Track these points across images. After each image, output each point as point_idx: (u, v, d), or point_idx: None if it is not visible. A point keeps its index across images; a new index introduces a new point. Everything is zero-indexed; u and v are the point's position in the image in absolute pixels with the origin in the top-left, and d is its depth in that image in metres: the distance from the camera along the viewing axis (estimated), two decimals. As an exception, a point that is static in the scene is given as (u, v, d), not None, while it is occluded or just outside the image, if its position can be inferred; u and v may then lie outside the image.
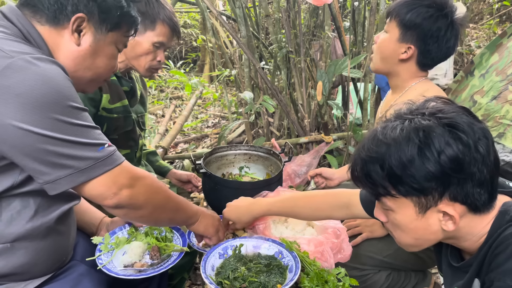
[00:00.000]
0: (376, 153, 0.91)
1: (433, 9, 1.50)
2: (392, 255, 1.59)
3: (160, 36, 1.70)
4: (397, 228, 0.99)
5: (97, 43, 1.14)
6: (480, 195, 0.90)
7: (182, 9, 6.41)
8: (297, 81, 3.09)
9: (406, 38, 1.54)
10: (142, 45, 1.70)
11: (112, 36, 1.17)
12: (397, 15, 1.54)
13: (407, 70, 1.60)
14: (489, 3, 6.78)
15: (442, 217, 0.92)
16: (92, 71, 1.17)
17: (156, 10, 1.68)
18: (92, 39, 1.13)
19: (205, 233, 1.39)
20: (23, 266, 1.09)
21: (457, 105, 0.94)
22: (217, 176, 1.78)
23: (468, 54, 5.60)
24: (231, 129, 3.29)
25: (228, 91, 5.34)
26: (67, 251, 1.24)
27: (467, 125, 0.88)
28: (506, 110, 3.46)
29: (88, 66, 1.15)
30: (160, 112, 5.15)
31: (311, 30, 3.72)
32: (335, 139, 2.79)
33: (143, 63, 1.73)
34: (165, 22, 1.70)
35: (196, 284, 2.29)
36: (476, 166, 0.87)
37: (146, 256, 1.40)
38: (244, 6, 3.26)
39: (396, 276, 1.65)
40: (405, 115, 0.94)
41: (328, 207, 1.40)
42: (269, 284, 1.22)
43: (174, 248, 1.40)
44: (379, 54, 1.63)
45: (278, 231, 1.52)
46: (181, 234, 1.49)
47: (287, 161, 1.93)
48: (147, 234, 1.44)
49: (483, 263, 0.93)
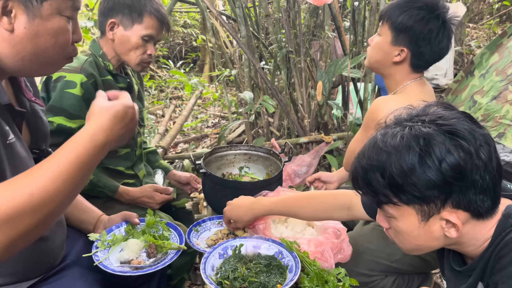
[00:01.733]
0: (377, 161, 0.91)
1: (424, 11, 1.49)
2: (399, 260, 1.58)
3: (148, 29, 1.69)
4: (399, 234, 0.98)
5: (33, 22, 0.93)
6: (483, 202, 0.89)
7: (182, 9, 6.42)
8: (297, 81, 3.09)
9: (398, 41, 1.54)
10: (130, 39, 1.69)
11: (50, 6, 0.94)
12: (389, 18, 1.54)
13: (400, 72, 1.60)
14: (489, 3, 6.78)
15: (444, 224, 0.91)
16: (40, 55, 0.97)
17: (143, 3, 1.67)
18: (25, 18, 0.92)
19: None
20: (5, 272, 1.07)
21: (457, 111, 0.93)
22: (217, 176, 1.78)
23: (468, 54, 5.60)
24: (231, 129, 3.30)
25: (228, 91, 5.34)
26: (54, 254, 1.21)
27: (468, 132, 0.87)
28: (506, 110, 3.45)
29: (33, 52, 0.95)
30: (160, 112, 5.15)
31: (311, 30, 3.72)
32: (335, 139, 2.79)
33: (133, 58, 1.72)
34: (153, 14, 1.68)
35: (196, 284, 2.29)
36: (478, 173, 0.86)
37: (143, 254, 1.40)
38: (244, 6, 3.26)
39: (401, 280, 1.65)
40: (405, 122, 0.93)
41: (329, 208, 1.40)
42: (269, 284, 1.21)
43: (171, 246, 1.40)
44: (373, 56, 1.64)
45: (278, 231, 1.52)
46: (178, 233, 1.49)
47: (287, 161, 1.93)
48: (144, 232, 1.44)
49: (487, 267, 0.92)
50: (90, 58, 1.70)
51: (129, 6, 1.66)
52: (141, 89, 2.03)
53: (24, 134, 1.11)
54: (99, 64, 1.73)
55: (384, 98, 1.59)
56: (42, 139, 1.18)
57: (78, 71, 1.62)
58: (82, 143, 0.87)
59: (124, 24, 1.68)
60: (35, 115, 1.16)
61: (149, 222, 1.46)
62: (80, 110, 1.62)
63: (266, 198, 1.53)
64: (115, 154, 1.84)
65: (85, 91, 1.62)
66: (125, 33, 1.68)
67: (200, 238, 1.55)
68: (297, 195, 1.50)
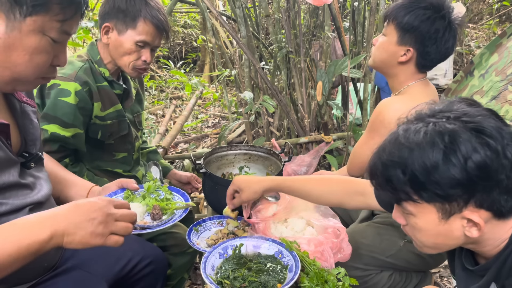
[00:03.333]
0: (398, 158, 0.88)
1: (430, 11, 1.50)
2: (394, 256, 1.60)
3: (142, 34, 1.63)
4: (417, 232, 0.96)
5: (10, 34, 0.89)
6: (507, 202, 0.87)
7: (182, 9, 6.42)
8: (297, 81, 3.09)
9: (404, 41, 1.55)
10: (123, 45, 1.64)
11: (33, 22, 0.89)
12: (395, 18, 1.55)
13: (405, 72, 1.61)
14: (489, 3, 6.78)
15: (466, 223, 0.89)
16: (10, 70, 0.92)
17: (138, 7, 1.62)
18: (3, 29, 0.88)
19: (89, 243, 0.92)
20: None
21: (483, 108, 0.90)
22: (217, 176, 1.78)
23: (468, 54, 5.60)
24: (231, 129, 3.30)
25: (228, 91, 5.34)
26: (48, 257, 1.17)
27: (495, 130, 0.84)
28: (506, 110, 3.46)
29: (2, 64, 0.91)
30: (160, 112, 5.15)
31: (311, 30, 3.72)
32: (335, 139, 2.80)
33: (127, 63, 1.67)
34: (147, 19, 1.62)
35: (196, 284, 2.29)
36: (504, 172, 0.84)
37: (147, 218, 1.36)
38: (244, 6, 3.26)
39: (397, 277, 1.65)
40: (428, 118, 0.90)
41: (342, 192, 1.35)
42: (269, 284, 1.22)
43: (176, 206, 1.34)
44: (378, 56, 1.65)
45: (278, 231, 1.52)
46: (181, 194, 1.45)
47: (287, 161, 1.94)
48: (144, 197, 1.38)
49: (503, 268, 0.90)
50: (86, 65, 1.66)
51: (123, 11, 1.62)
52: (141, 91, 2.02)
53: (14, 137, 1.07)
54: (94, 70, 1.69)
55: (389, 100, 1.60)
56: (32, 142, 1.13)
57: (72, 79, 1.59)
58: (45, 238, 0.86)
59: (118, 28, 1.64)
60: (25, 117, 1.12)
61: (149, 186, 1.41)
62: (74, 119, 1.59)
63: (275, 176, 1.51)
64: (112, 158, 1.84)
65: (80, 100, 1.59)
66: (119, 38, 1.64)
67: (200, 238, 1.55)
68: (308, 176, 1.47)
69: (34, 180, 1.11)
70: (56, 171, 1.38)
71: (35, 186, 1.11)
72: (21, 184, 1.05)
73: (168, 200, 1.41)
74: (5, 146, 1.01)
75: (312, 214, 1.55)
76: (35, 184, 1.11)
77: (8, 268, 0.85)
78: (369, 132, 1.63)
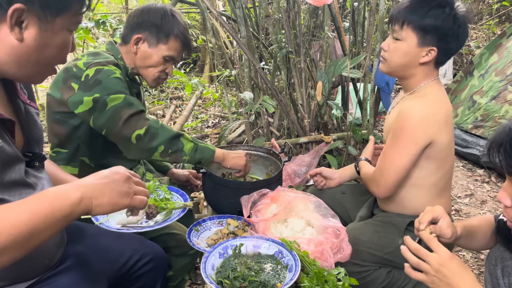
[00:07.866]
0: None
1: (447, 8, 1.51)
2: (392, 253, 1.60)
3: (171, 50, 1.76)
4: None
5: (44, 35, 0.98)
6: None
7: (183, 10, 6.42)
8: (297, 81, 3.09)
9: (426, 42, 1.54)
10: (152, 57, 1.75)
11: (61, 22, 1.00)
12: (410, 22, 1.54)
13: (424, 71, 1.61)
14: (489, 4, 6.78)
15: None
16: (41, 66, 1.02)
17: (171, 25, 1.74)
18: (37, 31, 0.96)
19: (118, 203, 1.00)
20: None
21: None
22: (217, 176, 1.79)
23: (468, 54, 5.61)
24: (231, 129, 3.30)
25: (228, 91, 5.34)
26: (49, 254, 1.18)
27: None
28: (506, 110, 3.46)
29: (35, 61, 1.00)
30: (160, 112, 5.15)
31: (311, 31, 3.73)
32: (334, 139, 2.80)
33: (151, 74, 1.79)
34: (178, 37, 1.75)
35: (196, 284, 2.29)
36: None
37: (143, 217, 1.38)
38: (244, 6, 3.27)
39: (396, 274, 1.66)
40: None
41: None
42: (269, 284, 1.22)
43: (174, 206, 1.35)
44: (396, 61, 1.61)
45: (278, 230, 1.52)
46: (181, 194, 1.46)
47: (287, 161, 1.94)
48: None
49: None
50: (111, 58, 1.74)
51: (157, 26, 1.72)
52: (141, 91, 2.05)
53: (18, 137, 1.10)
54: (119, 65, 1.77)
55: (409, 105, 1.57)
56: (35, 142, 1.16)
57: (111, 64, 1.68)
58: (74, 201, 0.92)
59: (149, 41, 1.74)
60: (29, 118, 1.16)
61: (149, 186, 1.42)
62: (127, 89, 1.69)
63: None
64: (120, 155, 1.85)
65: (123, 78, 1.68)
66: (149, 50, 1.75)
67: (201, 238, 1.55)
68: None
69: (36, 181, 1.13)
70: (56, 173, 1.40)
71: (38, 186, 1.12)
72: (25, 183, 1.07)
73: (167, 200, 1.42)
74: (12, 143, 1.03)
75: (312, 214, 1.55)
76: (37, 184, 1.12)
77: (45, 232, 0.87)
78: (394, 141, 1.58)
